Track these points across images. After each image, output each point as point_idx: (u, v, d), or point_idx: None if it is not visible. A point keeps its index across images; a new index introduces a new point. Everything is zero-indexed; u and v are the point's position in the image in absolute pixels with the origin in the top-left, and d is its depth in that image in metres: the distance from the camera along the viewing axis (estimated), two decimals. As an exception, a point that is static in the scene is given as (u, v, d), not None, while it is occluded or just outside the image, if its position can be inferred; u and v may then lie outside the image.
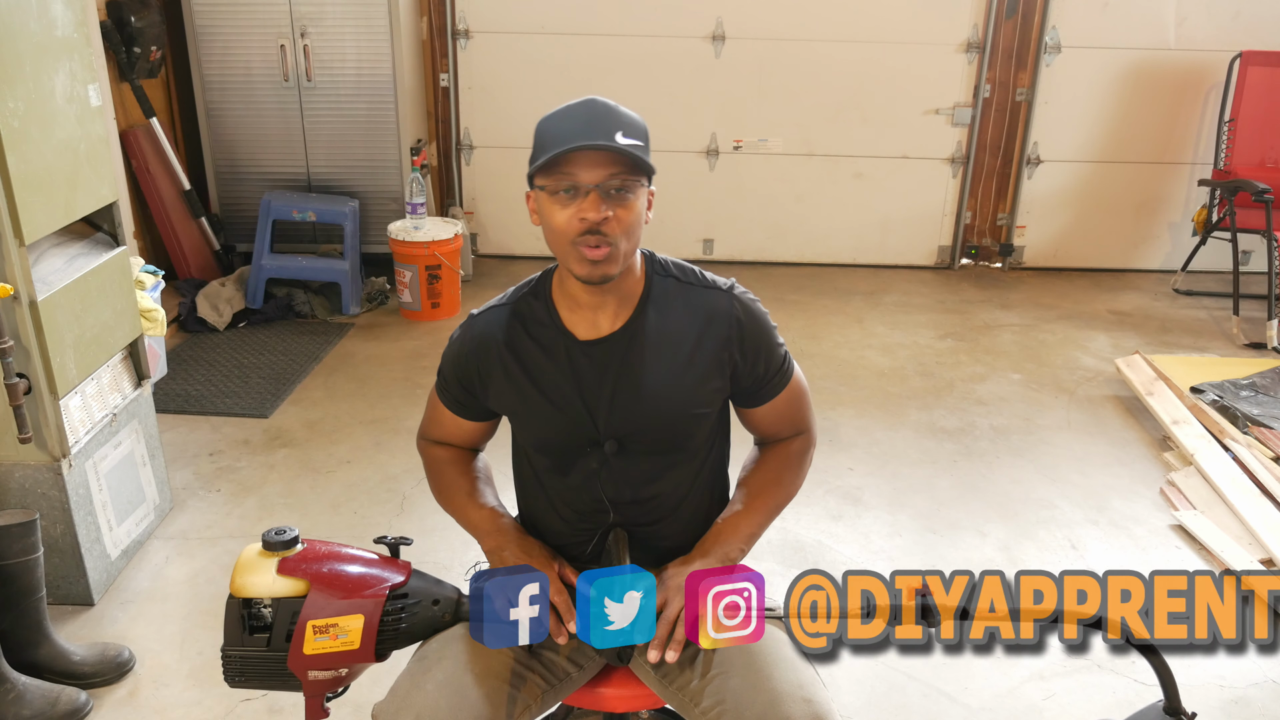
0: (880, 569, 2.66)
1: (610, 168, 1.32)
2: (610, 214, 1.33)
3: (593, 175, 1.32)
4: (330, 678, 1.35)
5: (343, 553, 1.38)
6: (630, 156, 1.32)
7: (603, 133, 1.31)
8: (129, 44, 4.03)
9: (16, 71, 2.07)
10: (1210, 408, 3.30)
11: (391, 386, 3.72)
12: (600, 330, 1.46)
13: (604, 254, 1.34)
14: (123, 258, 2.54)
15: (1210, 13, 4.74)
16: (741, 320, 1.48)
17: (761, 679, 1.32)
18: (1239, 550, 2.71)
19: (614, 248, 1.35)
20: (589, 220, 1.32)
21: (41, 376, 2.22)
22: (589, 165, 1.32)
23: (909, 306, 4.70)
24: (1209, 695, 2.25)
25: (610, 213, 1.33)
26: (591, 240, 1.33)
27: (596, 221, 1.32)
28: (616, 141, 1.31)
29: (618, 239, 1.34)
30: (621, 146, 1.31)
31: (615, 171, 1.33)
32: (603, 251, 1.34)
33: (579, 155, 1.32)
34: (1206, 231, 4.71)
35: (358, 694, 2.05)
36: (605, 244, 1.34)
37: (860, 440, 3.39)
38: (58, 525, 2.37)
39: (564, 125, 1.34)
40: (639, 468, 1.50)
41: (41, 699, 2.06)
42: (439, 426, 1.63)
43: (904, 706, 2.21)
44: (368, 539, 1.63)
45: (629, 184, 1.34)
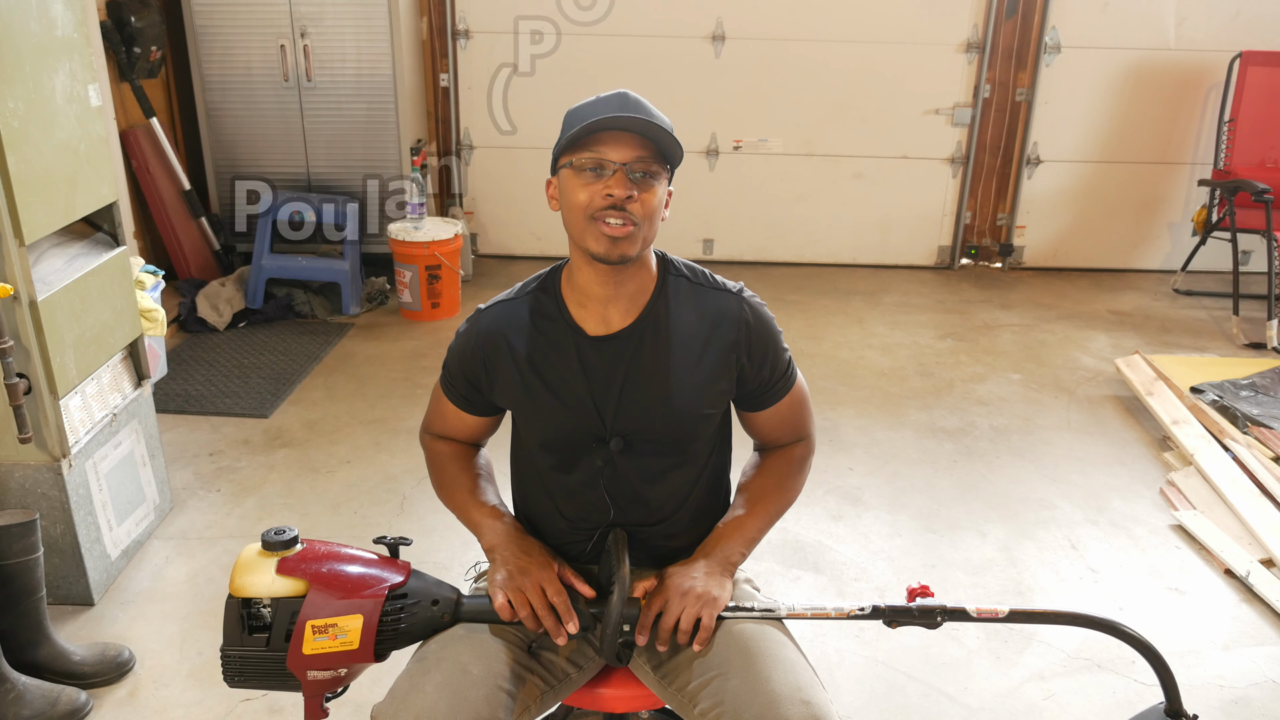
0: (880, 569, 2.68)
1: (639, 150, 1.35)
2: (634, 194, 1.35)
3: (621, 154, 1.35)
4: (329, 678, 1.35)
5: (342, 553, 1.38)
6: (658, 142, 1.36)
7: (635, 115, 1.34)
8: (129, 44, 4.03)
9: (16, 71, 2.07)
10: (1210, 408, 3.30)
11: (391, 386, 3.72)
12: (611, 326, 1.47)
13: (626, 231, 1.36)
14: (123, 258, 2.54)
15: (1210, 13, 4.74)
16: (750, 323, 1.49)
17: (760, 680, 1.31)
18: (1239, 550, 2.71)
19: (636, 228, 1.36)
20: (615, 196, 1.34)
21: (41, 376, 2.22)
22: (618, 144, 1.35)
23: (909, 306, 4.70)
24: (1209, 695, 2.25)
25: (634, 193, 1.35)
26: (614, 216, 1.35)
27: (621, 198, 1.34)
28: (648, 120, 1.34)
29: (640, 220, 1.36)
30: (652, 127, 1.34)
31: (643, 155, 1.35)
32: (625, 229, 1.36)
33: (609, 134, 1.35)
34: (1206, 231, 4.71)
35: (357, 694, 2.05)
36: (630, 221, 1.35)
37: (860, 440, 3.39)
38: (58, 525, 2.37)
39: (597, 108, 1.37)
40: (643, 467, 1.50)
41: (41, 699, 2.06)
42: (442, 421, 1.63)
43: (904, 706, 2.21)
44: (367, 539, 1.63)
45: (654, 170, 1.37)
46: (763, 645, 1.37)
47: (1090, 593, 2.62)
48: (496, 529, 1.51)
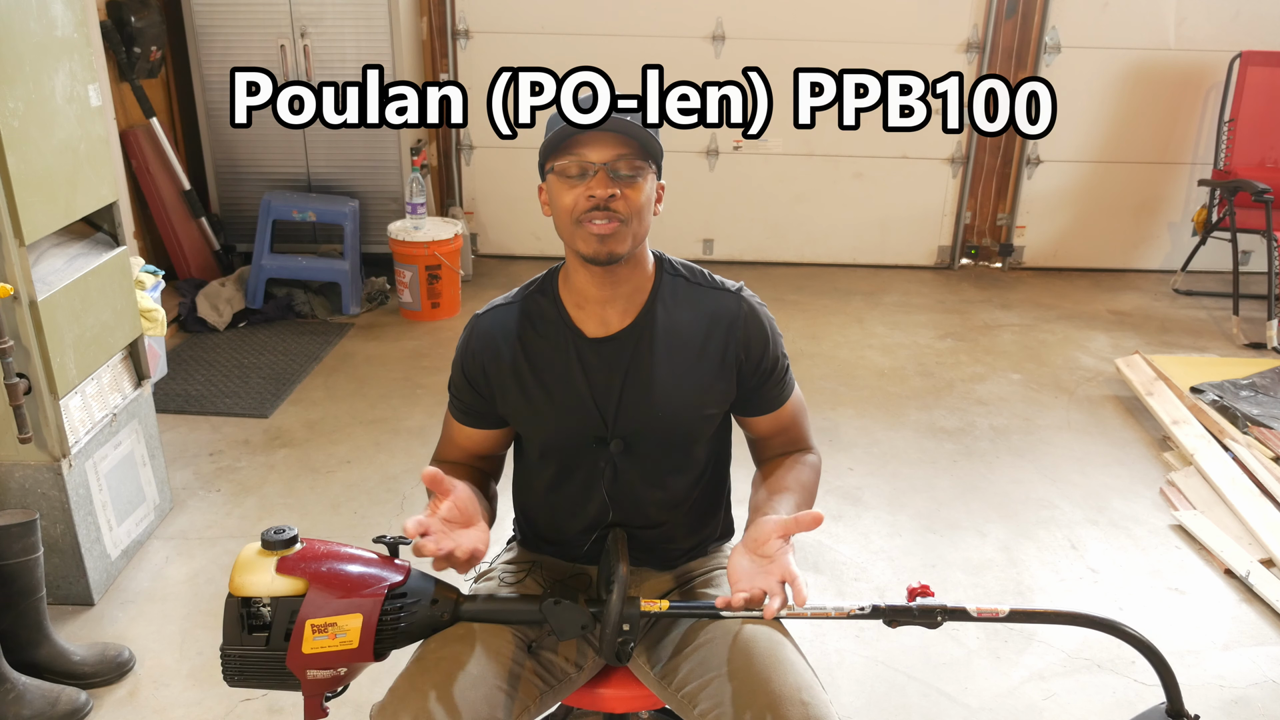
0: (880, 569, 2.68)
1: (618, 149, 1.35)
2: (618, 192, 1.35)
3: (601, 155, 1.35)
4: (329, 677, 1.35)
5: (342, 552, 1.38)
6: (637, 139, 1.35)
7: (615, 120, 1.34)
8: (129, 44, 4.03)
9: (16, 71, 2.07)
10: (1210, 408, 3.30)
11: (391, 386, 3.72)
12: (610, 327, 1.46)
13: (612, 229, 1.36)
14: (123, 258, 2.54)
15: (1210, 13, 4.74)
16: (748, 320, 1.49)
17: (760, 681, 1.31)
18: (1239, 550, 2.71)
19: (623, 225, 1.36)
20: (597, 196, 1.34)
21: (41, 376, 2.22)
22: (597, 145, 1.35)
23: (909, 306, 4.70)
24: (1209, 695, 2.25)
25: (618, 191, 1.35)
26: (599, 216, 1.35)
27: (603, 198, 1.34)
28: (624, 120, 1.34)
29: (627, 217, 1.36)
30: (629, 125, 1.34)
31: (623, 153, 1.35)
32: (611, 226, 1.35)
33: (587, 136, 1.35)
34: (1206, 231, 4.71)
35: (357, 694, 2.05)
36: (615, 219, 1.35)
37: (860, 440, 3.39)
38: (58, 525, 2.37)
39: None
40: (644, 469, 1.49)
41: (41, 699, 2.06)
42: (452, 445, 1.59)
43: (904, 706, 2.20)
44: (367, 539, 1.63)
45: (637, 167, 1.37)
46: (762, 646, 1.37)
47: (1090, 593, 2.62)
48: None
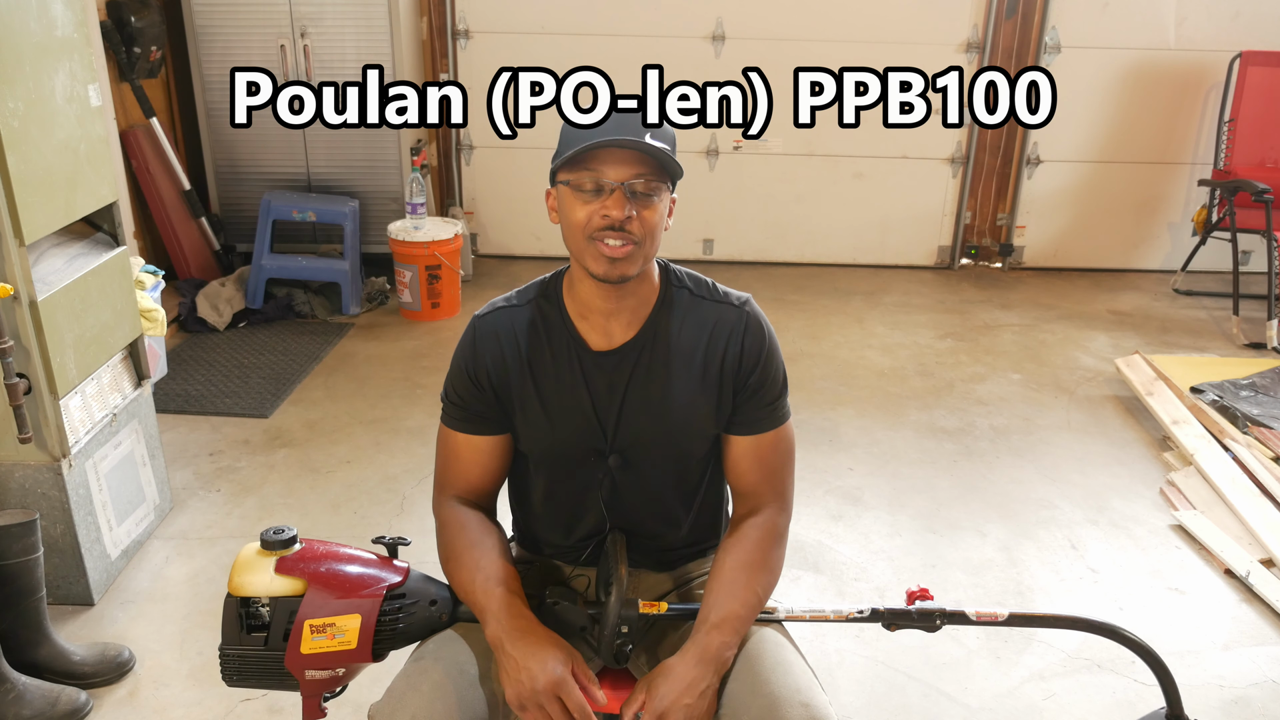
0: (880, 569, 2.68)
1: (637, 167, 1.32)
2: (634, 214, 1.32)
3: (619, 173, 1.32)
4: (327, 677, 1.35)
5: (341, 552, 1.38)
6: (658, 158, 1.32)
7: (633, 133, 1.31)
8: (129, 44, 4.03)
9: (16, 71, 2.07)
10: (1210, 408, 3.30)
11: (391, 386, 3.72)
12: (614, 340, 1.44)
13: (626, 251, 1.33)
14: (123, 258, 2.54)
15: (1210, 13, 4.74)
16: (746, 332, 1.45)
17: (759, 683, 1.31)
18: (1239, 550, 2.71)
19: (637, 247, 1.34)
20: (612, 217, 1.31)
21: (41, 376, 2.22)
22: (616, 163, 1.32)
23: (909, 306, 4.70)
24: (1209, 695, 2.25)
25: (634, 212, 1.32)
26: (612, 236, 1.32)
27: (620, 219, 1.31)
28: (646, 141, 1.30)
29: (641, 239, 1.33)
30: (651, 146, 1.30)
31: (642, 172, 1.32)
32: (625, 249, 1.33)
33: (606, 152, 1.31)
34: (1206, 231, 4.71)
35: (356, 694, 2.05)
36: (630, 241, 1.33)
37: (860, 440, 3.39)
38: (58, 525, 2.37)
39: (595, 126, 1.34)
40: (642, 483, 1.48)
41: (41, 699, 2.06)
42: (454, 464, 1.50)
43: (904, 706, 2.20)
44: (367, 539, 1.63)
45: (654, 186, 1.34)
46: (762, 647, 1.37)
47: (1090, 593, 2.62)
48: (501, 620, 1.33)
